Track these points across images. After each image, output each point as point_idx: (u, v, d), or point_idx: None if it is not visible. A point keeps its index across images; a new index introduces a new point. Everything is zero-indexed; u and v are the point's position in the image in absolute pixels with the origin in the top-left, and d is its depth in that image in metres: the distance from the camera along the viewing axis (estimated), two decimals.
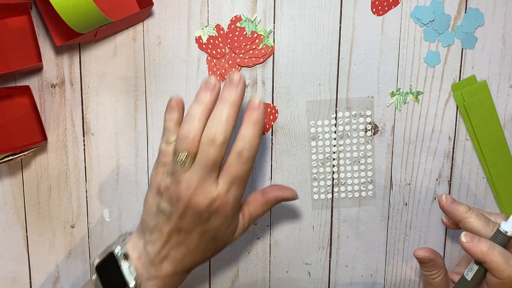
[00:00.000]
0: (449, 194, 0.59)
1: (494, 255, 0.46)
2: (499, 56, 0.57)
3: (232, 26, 0.56)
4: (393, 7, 0.56)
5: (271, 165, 0.59)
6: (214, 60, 0.56)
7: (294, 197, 0.54)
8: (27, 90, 0.55)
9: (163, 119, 0.57)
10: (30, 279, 0.60)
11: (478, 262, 0.48)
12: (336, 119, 0.58)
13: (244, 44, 0.56)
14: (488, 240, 0.47)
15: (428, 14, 0.56)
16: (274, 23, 0.56)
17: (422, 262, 0.53)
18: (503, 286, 0.46)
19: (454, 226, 0.53)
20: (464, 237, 0.47)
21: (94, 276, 0.49)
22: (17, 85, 0.55)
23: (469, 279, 0.49)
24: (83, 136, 0.57)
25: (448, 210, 0.51)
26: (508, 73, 0.57)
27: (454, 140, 0.58)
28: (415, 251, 0.53)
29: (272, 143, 0.58)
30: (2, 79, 0.56)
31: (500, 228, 0.47)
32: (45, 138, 0.56)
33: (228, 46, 0.56)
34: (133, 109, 0.57)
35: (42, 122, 0.55)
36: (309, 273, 0.61)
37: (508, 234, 0.47)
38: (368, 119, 0.58)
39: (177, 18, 0.56)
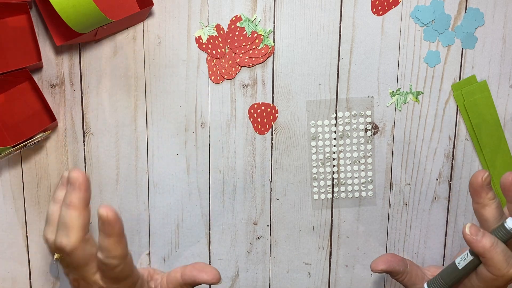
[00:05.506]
0: (449, 194, 0.59)
1: (496, 252, 0.45)
2: (499, 56, 0.57)
3: (232, 26, 0.56)
4: (393, 7, 0.56)
5: (271, 165, 0.59)
6: (214, 60, 0.56)
7: (214, 281, 0.51)
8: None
9: (163, 119, 0.57)
10: (30, 279, 0.60)
11: (474, 254, 0.47)
12: (336, 119, 0.58)
13: (244, 44, 0.56)
14: (492, 236, 0.45)
15: (428, 14, 0.56)
16: (274, 23, 0.56)
17: (381, 273, 0.53)
18: (495, 282, 0.46)
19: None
20: (468, 229, 0.46)
21: None
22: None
23: (460, 268, 0.48)
24: (83, 136, 0.57)
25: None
26: (508, 73, 0.57)
27: (454, 140, 0.58)
28: (371, 267, 0.53)
29: (272, 143, 0.58)
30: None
31: (505, 224, 0.46)
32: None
33: (228, 46, 0.56)
34: (133, 109, 0.57)
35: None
36: (309, 273, 0.61)
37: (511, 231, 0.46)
38: (368, 119, 0.58)
39: (177, 18, 0.56)
